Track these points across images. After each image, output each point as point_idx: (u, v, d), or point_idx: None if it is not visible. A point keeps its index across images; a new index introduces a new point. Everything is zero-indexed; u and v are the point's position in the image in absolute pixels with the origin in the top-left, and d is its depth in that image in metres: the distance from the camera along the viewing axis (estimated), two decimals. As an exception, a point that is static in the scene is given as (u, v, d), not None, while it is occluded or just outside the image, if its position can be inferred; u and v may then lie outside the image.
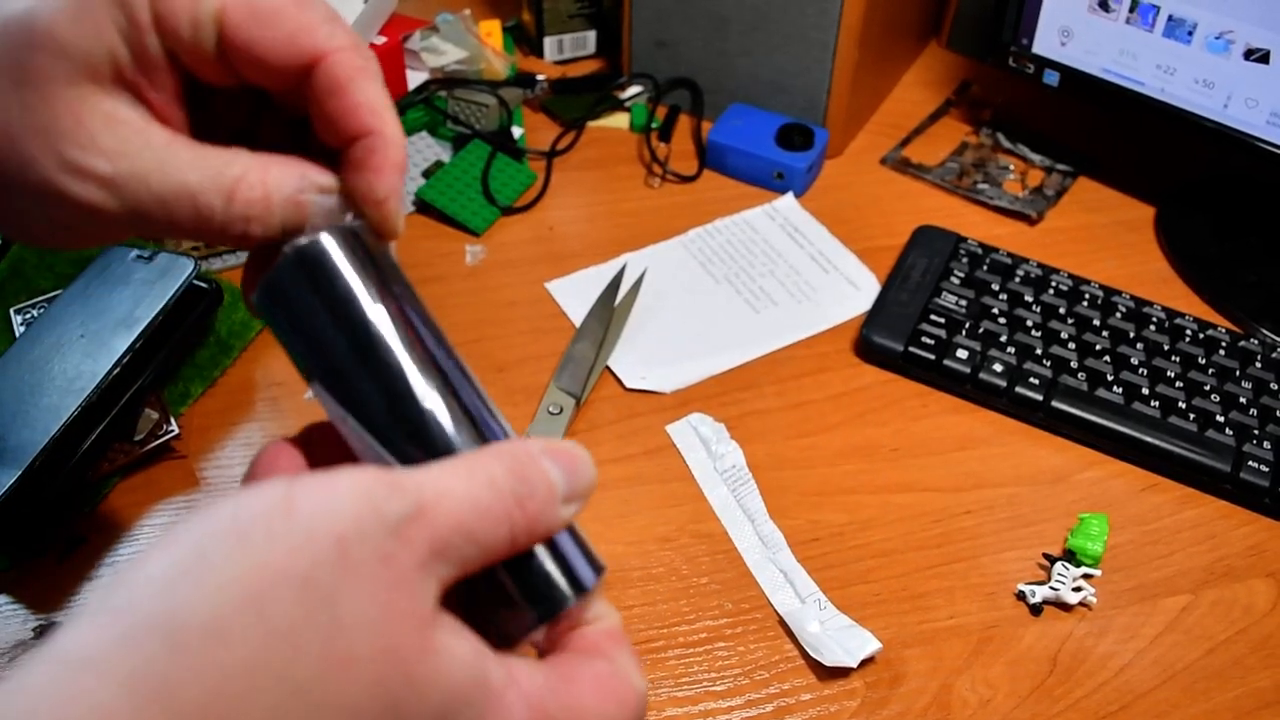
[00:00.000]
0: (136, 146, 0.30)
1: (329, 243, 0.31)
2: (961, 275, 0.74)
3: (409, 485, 0.26)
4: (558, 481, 0.29)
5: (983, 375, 0.68)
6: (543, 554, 0.30)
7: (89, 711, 0.21)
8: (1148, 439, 0.65)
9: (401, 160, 0.32)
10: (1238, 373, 0.69)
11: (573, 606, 0.30)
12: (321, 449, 0.32)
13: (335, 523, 0.25)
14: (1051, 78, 0.82)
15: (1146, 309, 0.73)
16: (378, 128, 0.32)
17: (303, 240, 0.31)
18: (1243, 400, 0.67)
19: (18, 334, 0.66)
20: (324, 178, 0.32)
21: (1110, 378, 0.68)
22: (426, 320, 0.32)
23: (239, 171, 0.30)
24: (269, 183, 0.31)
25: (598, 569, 0.31)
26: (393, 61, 0.85)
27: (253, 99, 0.35)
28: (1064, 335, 0.71)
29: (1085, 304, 0.73)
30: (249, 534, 0.24)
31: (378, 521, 0.25)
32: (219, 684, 0.22)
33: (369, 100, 0.31)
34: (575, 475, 0.30)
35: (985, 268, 0.75)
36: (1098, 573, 0.59)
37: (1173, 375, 0.69)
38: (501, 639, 0.29)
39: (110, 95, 0.30)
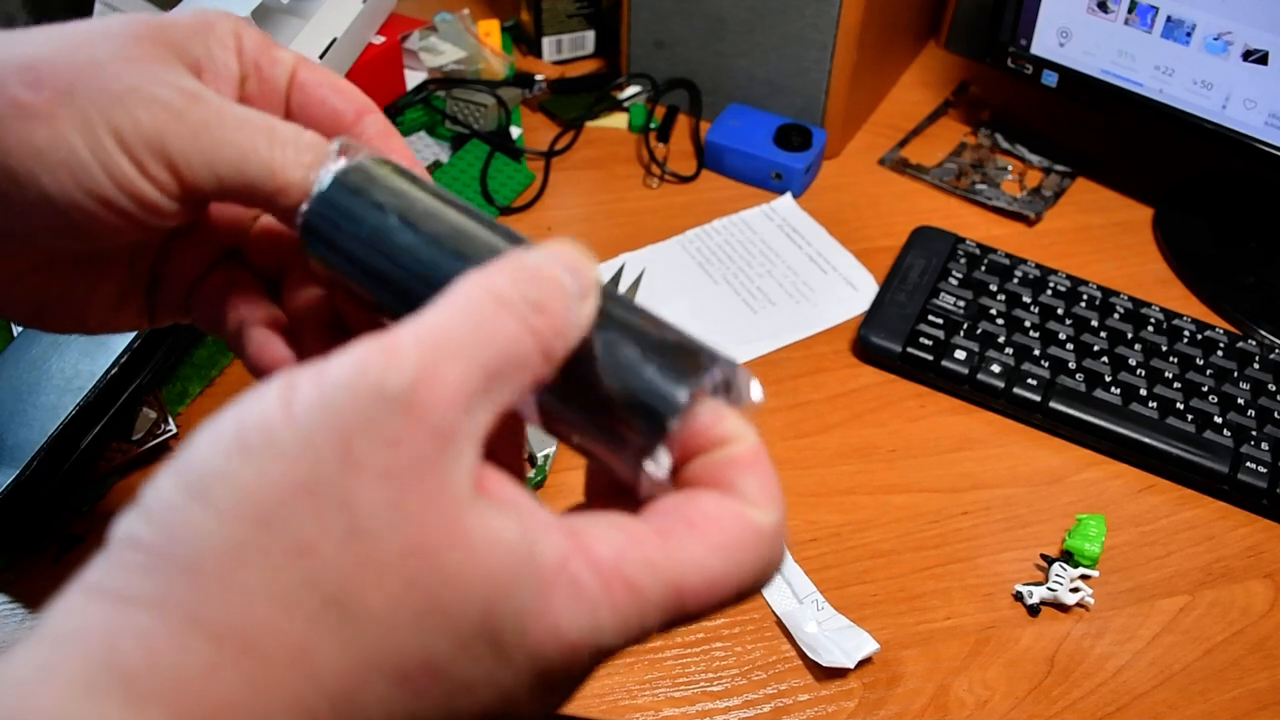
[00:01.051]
0: (217, 95, 0.33)
1: (367, 157, 0.32)
2: (959, 276, 0.74)
3: (405, 344, 0.24)
4: (566, 280, 0.27)
5: (980, 376, 0.68)
6: (629, 352, 0.27)
7: (133, 640, 0.22)
8: (1146, 440, 0.65)
9: None
10: (1236, 374, 0.69)
11: (682, 417, 0.26)
12: (314, 339, 0.35)
13: (334, 416, 0.23)
14: (1050, 78, 0.82)
15: (1144, 310, 0.73)
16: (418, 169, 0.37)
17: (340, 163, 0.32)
18: (1241, 401, 0.67)
19: (16, 332, 0.66)
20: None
21: (1108, 379, 0.68)
22: (439, 195, 0.32)
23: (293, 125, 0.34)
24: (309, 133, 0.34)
25: (709, 361, 0.28)
26: (391, 61, 0.85)
27: None
28: (1062, 336, 0.71)
29: (1083, 305, 0.73)
30: (250, 445, 0.23)
31: (379, 402, 0.23)
32: (248, 604, 0.22)
33: (408, 151, 0.37)
34: (576, 269, 0.27)
35: (983, 268, 0.75)
36: (1095, 573, 0.59)
37: (1171, 376, 0.69)
38: (634, 473, 0.27)
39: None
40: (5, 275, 0.34)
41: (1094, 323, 0.72)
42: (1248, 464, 0.64)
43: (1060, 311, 0.72)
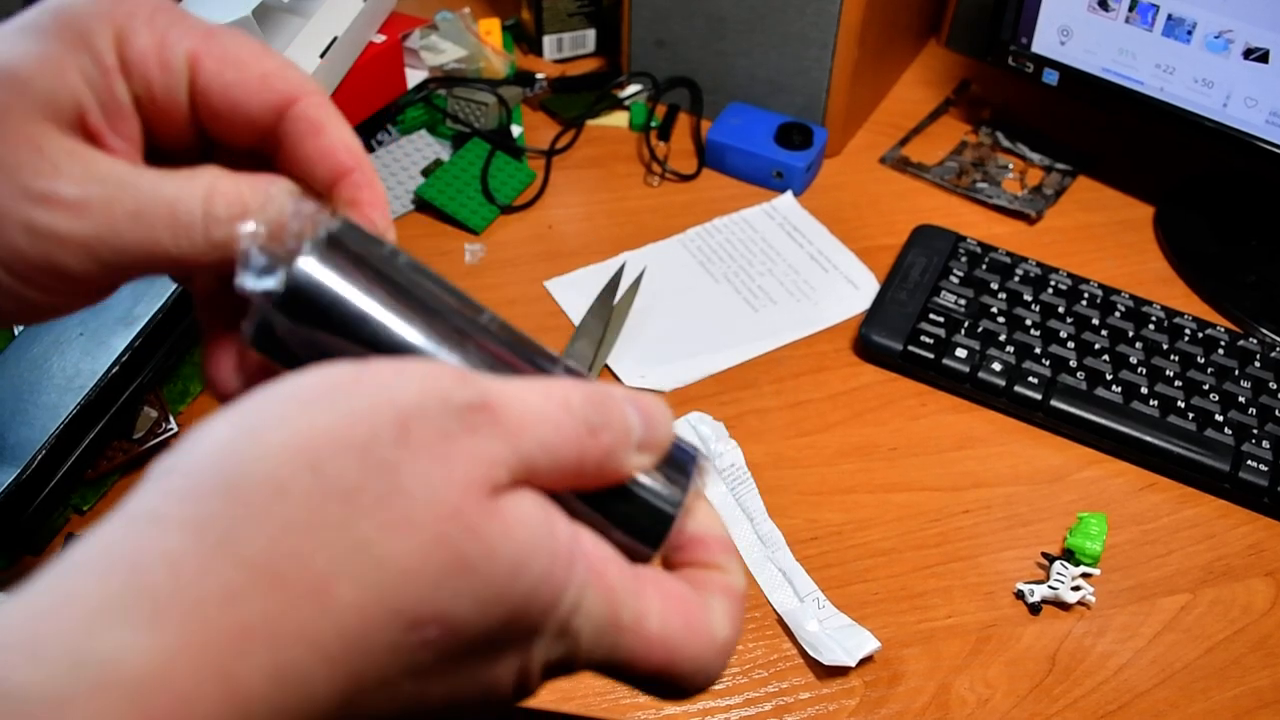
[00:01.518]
0: (103, 170, 0.29)
1: (311, 266, 0.28)
2: (960, 274, 0.74)
3: (480, 382, 0.26)
4: (634, 425, 0.28)
5: (982, 374, 0.68)
6: (635, 484, 0.28)
7: (159, 559, 0.22)
8: (1147, 438, 0.65)
9: (385, 194, 0.33)
10: (1237, 372, 0.69)
11: (674, 526, 0.29)
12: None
13: (398, 399, 0.25)
14: (1051, 77, 0.82)
15: (1145, 308, 0.73)
16: (358, 165, 0.32)
17: (279, 275, 0.28)
18: (1242, 399, 0.67)
19: (16, 332, 0.66)
20: (291, 184, 0.32)
21: (1109, 377, 0.68)
22: (450, 298, 0.30)
23: (210, 179, 0.30)
24: (242, 186, 0.30)
25: (690, 460, 0.29)
26: (392, 60, 0.85)
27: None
28: (1063, 334, 0.71)
29: (1084, 303, 0.73)
30: (312, 402, 0.25)
31: (441, 404, 0.25)
32: (280, 534, 0.23)
33: (346, 141, 0.32)
34: (652, 425, 0.28)
35: (984, 267, 0.75)
36: (1096, 572, 0.59)
37: (1172, 374, 0.69)
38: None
39: (71, 138, 0.29)
40: None
41: (1095, 321, 0.72)
42: (1249, 462, 0.64)
43: (1061, 310, 0.72)
